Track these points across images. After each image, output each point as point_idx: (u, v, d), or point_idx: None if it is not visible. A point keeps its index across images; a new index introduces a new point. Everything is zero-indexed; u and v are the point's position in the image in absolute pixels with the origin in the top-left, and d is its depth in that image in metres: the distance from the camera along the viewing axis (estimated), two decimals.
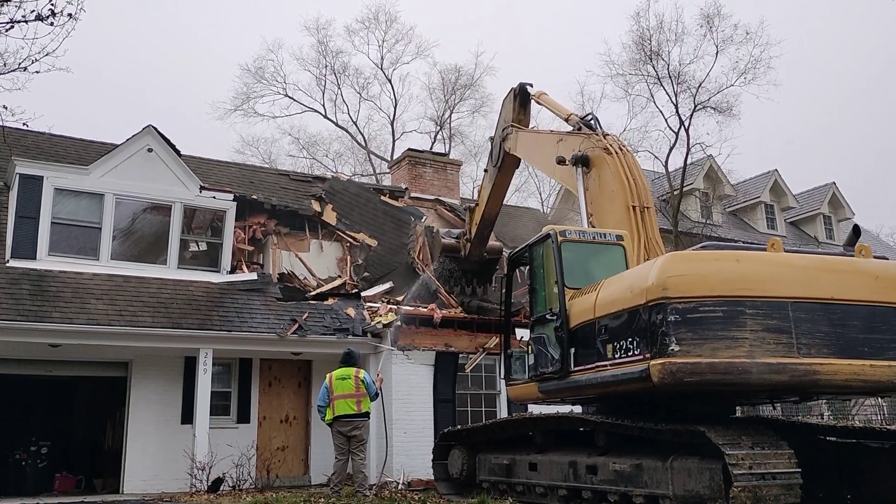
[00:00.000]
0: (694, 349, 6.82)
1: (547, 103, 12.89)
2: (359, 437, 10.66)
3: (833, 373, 6.97)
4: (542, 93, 13.13)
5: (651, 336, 7.06)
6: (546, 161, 11.69)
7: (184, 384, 13.81)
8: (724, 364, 6.78)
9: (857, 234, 8.71)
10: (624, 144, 10.47)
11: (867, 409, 19.86)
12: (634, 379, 7.25)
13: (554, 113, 12.63)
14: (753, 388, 7.01)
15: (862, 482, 8.54)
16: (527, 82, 13.26)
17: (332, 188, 18.26)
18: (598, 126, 10.90)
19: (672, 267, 7.18)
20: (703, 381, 6.82)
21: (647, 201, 9.74)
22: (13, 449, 14.88)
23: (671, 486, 7.18)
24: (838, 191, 32.06)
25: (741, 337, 6.86)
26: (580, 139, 10.69)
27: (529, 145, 12.61)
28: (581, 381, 8.27)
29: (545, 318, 9.11)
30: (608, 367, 7.77)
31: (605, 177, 10.06)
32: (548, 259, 9.19)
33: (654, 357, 6.96)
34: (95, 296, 12.90)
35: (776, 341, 6.92)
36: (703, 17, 26.43)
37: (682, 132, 26.28)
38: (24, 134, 15.39)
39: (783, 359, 6.88)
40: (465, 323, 14.82)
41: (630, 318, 7.44)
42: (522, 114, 13.22)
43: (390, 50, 37.98)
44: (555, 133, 11.97)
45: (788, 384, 6.95)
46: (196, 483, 12.29)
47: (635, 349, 7.33)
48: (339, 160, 38.81)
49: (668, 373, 6.82)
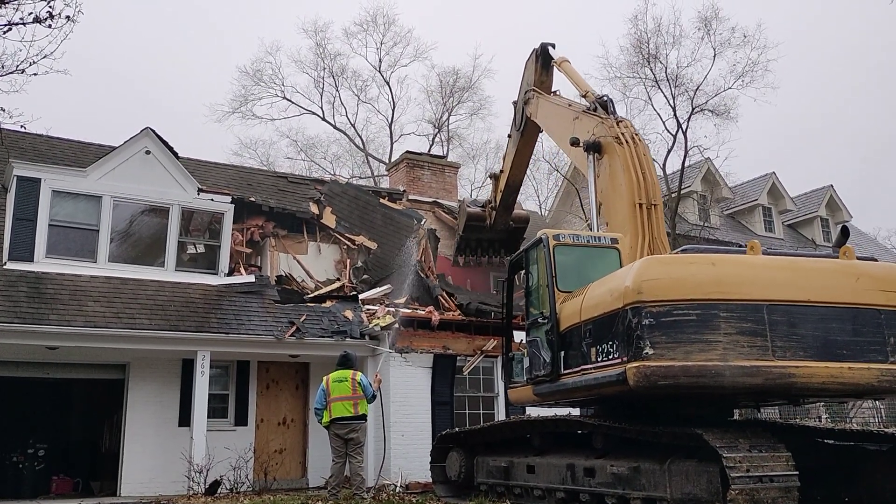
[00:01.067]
0: (667, 352, 6.88)
1: (567, 72, 12.43)
2: (356, 440, 10.65)
3: (809, 375, 6.97)
4: (565, 60, 12.67)
5: (627, 339, 7.12)
6: (562, 136, 11.36)
7: (181, 386, 13.80)
8: (696, 367, 6.82)
9: (845, 235, 8.68)
10: (637, 132, 10.06)
11: (865, 412, 19.88)
12: (613, 382, 7.32)
13: (573, 83, 12.15)
14: (727, 390, 7.05)
15: (859, 484, 8.55)
16: (549, 42, 12.83)
17: (331, 191, 18.25)
18: (613, 109, 10.51)
19: (648, 271, 7.23)
20: (677, 385, 6.87)
21: (655, 198, 9.49)
22: (10, 451, 14.87)
23: (669, 489, 7.18)
24: (836, 193, 32.08)
25: (714, 340, 6.90)
26: (595, 122, 10.38)
27: (549, 115, 12.26)
28: (569, 384, 8.34)
29: (538, 322, 9.16)
30: (591, 370, 7.84)
31: (615, 167, 9.82)
32: (541, 263, 9.20)
33: (630, 360, 7.02)
34: (93, 298, 12.89)
35: (750, 344, 6.94)
36: (700, 19, 26.51)
37: (679, 135, 26.35)
38: (21, 136, 15.38)
39: (757, 361, 6.90)
40: (463, 325, 14.81)
41: (610, 321, 7.50)
42: (545, 75, 12.85)
43: (388, 52, 38.07)
44: (573, 108, 11.52)
45: (762, 387, 6.96)
46: (193, 485, 12.27)
47: (614, 352, 7.39)
48: (337, 162, 38.88)
49: (642, 376, 6.88)
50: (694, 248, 8.22)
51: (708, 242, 23.83)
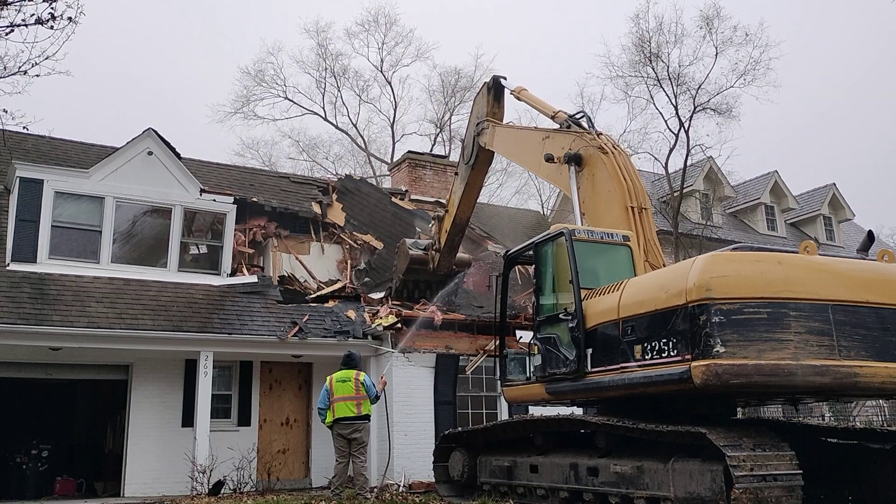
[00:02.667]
0: (740, 351, 6.79)
1: (529, 99, 12.45)
2: (359, 440, 10.65)
3: (871, 375, 7.00)
4: (522, 88, 12.65)
5: (693, 337, 6.99)
6: (528, 157, 11.47)
7: (184, 387, 13.81)
8: (770, 366, 6.77)
9: (871, 239, 8.77)
10: (618, 144, 10.33)
11: (868, 411, 19.85)
12: (673, 380, 7.16)
13: (538, 110, 12.21)
14: (798, 390, 7.05)
15: (863, 483, 8.54)
16: (500, 75, 13.03)
17: (344, 187, 18.27)
18: (591, 125, 10.72)
19: (714, 267, 7.12)
20: (749, 383, 6.79)
21: (644, 202, 9.63)
22: (14, 452, 14.87)
23: (672, 488, 7.17)
24: (838, 192, 32.02)
25: (786, 339, 6.85)
26: (570, 137, 10.52)
27: (509, 140, 12.29)
28: (603, 383, 8.14)
29: (557, 319, 8.95)
30: (636, 368, 7.69)
31: (599, 176, 9.92)
32: (559, 258, 9.07)
33: (697, 358, 6.90)
34: (96, 299, 12.90)
35: (819, 343, 6.93)
36: (702, 18, 26.49)
37: (681, 134, 26.32)
38: (24, 137, 15.39)
39: (826, 361, 6.89)
40: (466, 325, 14.81)
41: (664, 318, 7.35)
42: (497, 107, 13.02)
43: (390, 52, 38.07)
44: (539, 129, 11.76)
45: (830, 386, 6.97)
46: (197, 486, 12.27)
47: (671, 350, 7.25)
48: (339, 162, 38.88)
49: (712, 374, 6.76)
50: (745, 247, 8.18)
51: (714, 242, 23.78)
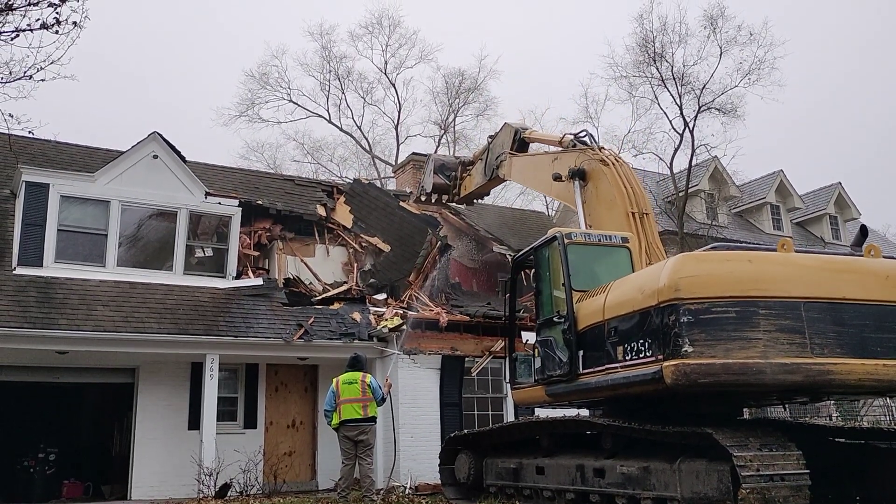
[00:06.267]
0: (707, 350, 6.78)
1: (536, 138, 13.11)
2: (365, 442, 10.66)
3: (847, 372, 6.93)
4: (531, 130, 13.41)
5: (664, 337, 7.02)
6: (542, 181, 11.90)
7: (190, 390, 13.85)
8: (738, 365, 6.74)
9: (864, 234, 8.71)
10: (619, 156, 10.68)
11: (876, 410, 19.76)
12: (647, 381, 7.20)
13: (546, 144, 12.76)
14: (767, 388, 6.97)
15: (871, 483, 8.49)
16: (519, 126, 13.31)
17: (353, 190, 18.34)
18: (594, 140, 11.12)
19: (684, 267, 7.14)
20: (718, 382, 6.77)
21: (645, 207, 9.85)
22: (21, 456, 14.91)
23: (679, 489, 7.15)
24: (844, 191, 31.92)
25: (754, 337, 6.82)
26: (575, 154, 10.84)
27: (524, 169, 12.83)
28: (590, 384, 8.22)
29: (552, 321, 9.06)
30: (619, 369, 7.72)
31: (602, 187, 10.18)
32: (554, 261, 9.17)
33: (668, 358, 6.92)
34: (102, 302, 12.94)
35: (789, 341, 6.88)
36: (706, 18, 26.45)
37: (686, 133, 26.30)
38: (29, 142, 15.44)
39: (797, 359, 6.84)
40: (472, 326, 14.80)
41: (641, 319, 7.41)
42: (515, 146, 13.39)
43: (394, 54, 38.11)
44: (549, 154, 12.13)
45: (802, 384, 6.91)
46: (203, 489, 12.29)
47: (647, 351, 7.29)
48: (343, 165, 38.92)
49: (681, 374, 6.77)
50: (724, 246, 8.16)
51: (727, 241, 23.71)
